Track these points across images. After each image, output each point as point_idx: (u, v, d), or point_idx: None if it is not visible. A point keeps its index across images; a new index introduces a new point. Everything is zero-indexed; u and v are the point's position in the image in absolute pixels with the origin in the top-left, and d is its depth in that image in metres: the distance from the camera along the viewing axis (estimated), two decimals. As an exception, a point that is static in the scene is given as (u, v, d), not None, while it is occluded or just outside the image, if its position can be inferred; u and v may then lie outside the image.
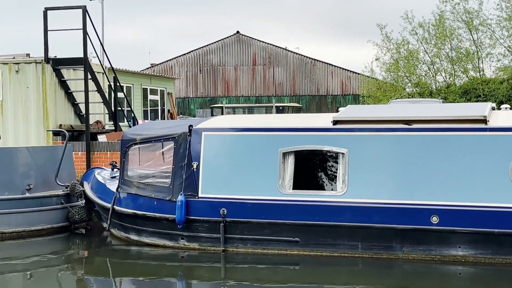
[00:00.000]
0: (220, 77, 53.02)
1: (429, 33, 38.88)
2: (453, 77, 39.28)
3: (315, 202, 10.20)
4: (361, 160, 10.08)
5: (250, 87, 52.50)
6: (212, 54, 53.26)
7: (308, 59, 51.99)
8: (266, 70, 52.28)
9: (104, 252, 12.22)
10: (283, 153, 10.47)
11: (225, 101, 52.18)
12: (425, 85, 38.97)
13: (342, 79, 51.68)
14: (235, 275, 10.36)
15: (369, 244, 10.00)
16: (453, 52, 38.67)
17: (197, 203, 10.77)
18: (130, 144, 11.60)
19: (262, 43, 52.70)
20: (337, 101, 51.45)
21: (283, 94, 51.84)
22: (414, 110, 10.37)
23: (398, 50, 39.99)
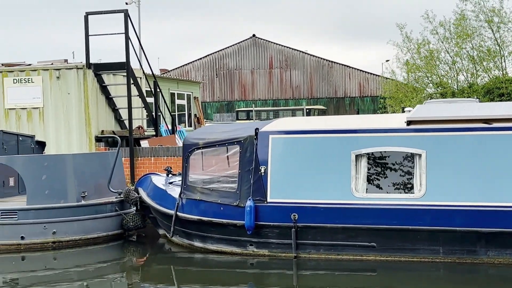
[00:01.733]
0: (237, 81, 52.82)
1: (450, 32, 38.55)
2: (475, 76, 38.91)
3: (392, 206, 9.87)
4: (439, 162, 9.76)
5: (267, 91, 52.27)
6: (228, 58, 53.08)
7: (325, 61, 51.77)
8: (283, 73, 52.06)
9: (164, 260, 11.94)
10: (356, 155, 10.16)
11: (242, 105, 51.96)
12: (446, 85, 38.60)
13: (360, 81, 51.40)
14: (307, 282, 10.04)
15: (451, 249, 9.66)
16: (475, 51, 38.32)
17: (266, 208, 10.46)
18: (193, 148, 11.30)
19: (279, 46, 52.51)
20: (355, 103, 51.17)
21: (300, 97, 51.59)
22: (493, 109, 10.04)
23: (418, 50, 39.64)
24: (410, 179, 10.02)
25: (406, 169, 10.13)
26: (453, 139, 9.78)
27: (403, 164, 10.18)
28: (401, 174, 10.18)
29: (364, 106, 50.62)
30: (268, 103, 50.83)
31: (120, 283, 10.66)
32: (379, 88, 50.21)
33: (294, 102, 50.98)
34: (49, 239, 12.16)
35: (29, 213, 12.15)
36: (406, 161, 10.14)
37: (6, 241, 12.05)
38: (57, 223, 12.21)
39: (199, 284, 10.00)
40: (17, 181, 14.13)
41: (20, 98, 17.04)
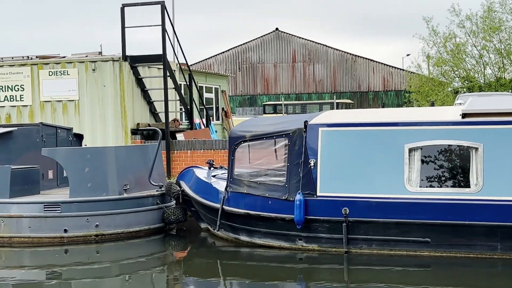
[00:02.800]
0: (260, 74, 52.55)
1: (477, 26, 38.09)
2: (502, 70, 38.45)
3: (447, 200, 9.64)
4: (497, 155, 9.52)
5: (290, 85, 51.97)
6: (251, 52, 52.82)
7: (349, 55, 51.35)
8: (306, 67, 51.72)
9: (208, 254, 11.78)
10: (410, 148, 9.93)
11: (265, 99, 51.73)
12: (473, 79, 38.18)
13: (384, 75, 50.94)
14: (359, 277, 9.83)
15: (510, 245, 9.42)
16: (502, 44, 37.85)
17: (316, 202, 10.27)
18: (239, 141, 11.12)
19: (302, 40, 52.16)
20: (378, 97, 50.76)
21: (324, 91, 51.25)
22: (551, 102, 9.81)
23: (445, 44, 39.23)
24: (466, 173, 9.77)
25: (462, 163, 9.89)
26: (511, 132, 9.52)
27: (459, 158, 9.95)
28: (457, 168, 9.95)
29: (388, 100, 50.18)
30: (291, 97, 50.51)
31: (162, 277, 10.52)
32: (403, 83, 49.80)
33: (317, 96, 50.63)
34: (92, 232, 12.05)
35: (72, 206, 12.04)
36: (461, 154, 9.90)
37: (50, 234, 11.96)
38: (99, 216, 12.09)
39: (246, 278, 9.83)
40: (56, 173, 14.05)
41: (56, 91, 16.96)
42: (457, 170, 9.91)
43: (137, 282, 10.11)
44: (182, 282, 10.03)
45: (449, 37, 38.98)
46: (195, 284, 9.87)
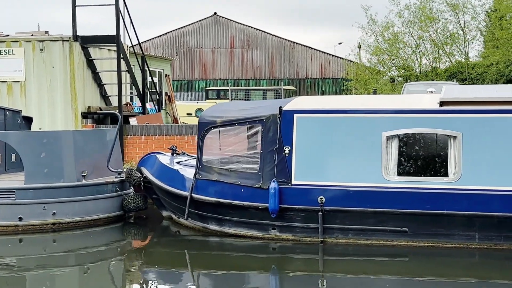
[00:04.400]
0: (197, 59, 51.83)
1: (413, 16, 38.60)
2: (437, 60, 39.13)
3: (425, 189, 9.52)
4: (476, 144, 9.44)
5: (228, 70, 51.49)
6: (189, 36, 52.01)
7: (287, 42, 51.21)
8: (244, 53, 51.32)
9: (172, 243, 11.34)
10: (387, 136, 9.75)
11: (202, 84, 51.13)
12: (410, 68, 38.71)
13: (322, 63, 51.08)
14: (335, 267, 9.63)
15: (487, 234, 9.38)
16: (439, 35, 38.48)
17: (291, 191, 9.98)
18: (210, 127, 10.70)
19: (240, 25, 51.69)
20: (316, 84, 50.90)
21: (262, 78, 51.03)
22: (529, 91, 9.78)
23: (382, 33, 39.60)
24: (444, 162, 9.67)
25: (440, 152, 9.78)
26: (491, 121, 9.46)
27: (437, 147, 9.84)
28: (435, 156, 9.83)
29: (326, 88, 50.38)
30: (229, 83, 50.08)
31: (122, 267, 10.06)
32: (340, 70, 50.10)
33: (255, 83, 50.38)
34: (48, 220, 11.44)
35: (28, 193, 11.37)
36: (440, 143, 9.79)
37: (3, 222, 11.29)
38: (56, 203, 11.49)
39: (216, 269, 9.45)
40: (4, 158, 13.28)
41: (0, 70, 16.03)
42: (435, 158, 9.80)
43: (96, 272, 9.62)
44: (143, 272, 9.59)
45: (387, 26, 39.33)
46: (158, 274, 9.43)
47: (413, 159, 9.82)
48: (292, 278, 9.15)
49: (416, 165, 9.82)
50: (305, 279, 8.97)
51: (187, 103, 32.14)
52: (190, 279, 9.32)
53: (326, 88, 50.45)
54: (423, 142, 9.85)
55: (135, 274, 9.63)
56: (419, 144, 9.85)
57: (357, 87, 40.78)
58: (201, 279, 9.27)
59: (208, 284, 9.09)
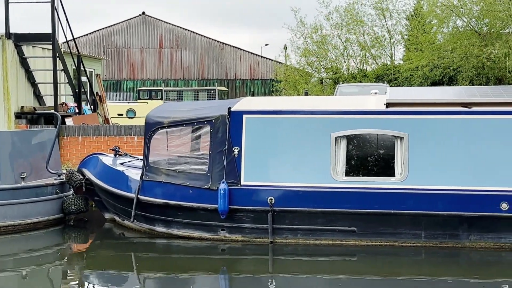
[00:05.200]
0: (125, 59, 51.14)
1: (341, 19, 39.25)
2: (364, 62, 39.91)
3: (373, 189, 9.67)
4: (421, 145, 9.65)
5: (157, 70, 51.01)
6: (116, 35, 51.25)
7: (217, 43, 51.16)
8: (173, 53, 50.96)
9: (117, 245, 11.06)
10: (336, 137, 9.86)
11: (130, 85, 50.49)
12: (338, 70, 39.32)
13: (251, 64, 51.28)
14: (284, 267, 9.65)
15: (433, 233, 9.61)
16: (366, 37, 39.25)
17: (240, 192, 9.95)
18: (156, 127, 10.55)
19: (169, 25, 51.30)
20: (246, 85, 51.05)
21: (191, 78, 50.78)
22: (471, 93, 10.05)
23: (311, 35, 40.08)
24: (391, 162, 9.85)
25: (387, 152, 9.97)
26: (436, 122, 9.69)
27: (384, 147, 10.02)
28: (382, 157, 10.02)
29: (255, 88, 50.61)
30: (158, 83, 49.52)
31: (63, 271, 9.80)
32: (269, 71, 50.42)
33: (184, 83, 50.08)
34: (-15, 224, 11.00)
35: (-36, 195, 10.91)
36: (387, 143, 9.97)
37: None
38: (-6, 206, 11.06)
39: (163, 271, 9.33)
40: None
41: None
42: (383, 159, 9.98)
43: (35, 277, 9.33)
44: (85, 276, 9.34)
45: (316, 28, 39.82)
46: (101, 278, 9.22)
47: (361, 159, 9.97)
48: (242, 279, 9.12)
49: (364, 165, 9.97)
50: (255, 280, 8.96)
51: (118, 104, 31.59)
52: (136, 281, 9.13)
53: (255, 89, 50.68)
54: (370, 143, 10.02)
55: (76, 278, 9.36)
56: (367, 144, 10.01)
57: (287, 88, 41.10)
58: (148, 282, 9.11)
59: (155, 286, 8.96)
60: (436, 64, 31.34)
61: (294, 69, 40.98)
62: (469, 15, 30.61)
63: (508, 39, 27.60)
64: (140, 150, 14.47)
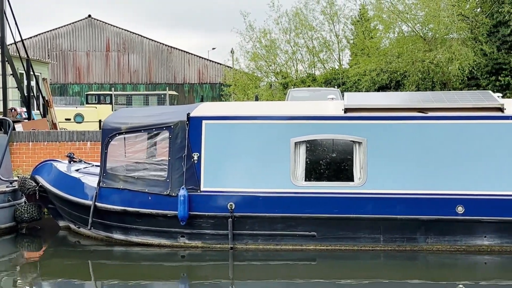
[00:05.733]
0: (71, 63, 50.36)
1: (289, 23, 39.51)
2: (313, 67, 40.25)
3: (332, 194, 9.75)
4: (379, 150, 9.78)
5: (104, 74, 50.40)
6: (61, 38, 50.44)
7: (165, 46, 50.86)
8: (120, 57, 50.43)
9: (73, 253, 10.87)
10: (296, 142, 9.90)
11: (76, 89, 49.75)
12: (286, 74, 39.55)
13: (199, 68, 51.14)
14: (245, 273, 9.67)
15: (391, 236, 9.74)
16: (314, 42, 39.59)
17: (200, 198, 9.90)
18: (114, 133, 10.40)
19: (116, 28, 50.75)
20: (194, 89, 50.88)
21: (139, 82, 50.35)
22: (427, 99, 10.22)
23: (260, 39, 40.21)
24: (350, 167, 9.95)
25: (346, 157, 10.06)
26: (393, 127, 9.83)
27: (343, 152, 10.11)
28: (341, 162, 10.11)
29: (204, 92, 50.48)
30: (105, 87, 48.93)
31: (15, 280, 9.55)
32: (218, 75, 50.39)
33: (132, 87, 49.62)
34: None
35: None
36: (345, 148, 10.07)
37: None
38: None
39: (121, 279, 9.21)
40: None
41: None
42: (342, 164, 10.07)
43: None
44: (38, 285, 9.19)
45: (265, 32, 39.96)
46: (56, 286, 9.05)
47: (320, 164, 10.04)
48: (202, 286, 9.09)
49: (323, 170, 10.05)
50: (215, 286, 8.95)
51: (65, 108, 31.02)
52: None
53: (204, 93, 50.55)
54: (330, 148, 10.10)
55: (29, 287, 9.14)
56: (326, 149, 10.09)
57: (236, 93, 41.12)
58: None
59: (112, 295, 8.85)
60: (383, 68, 31.80)
61: (243, 73, 41.04)
62: (414, 21, 31.19)
63: (451, 44, 28.26)
64: (93, 156, 14.33)
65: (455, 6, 28.07)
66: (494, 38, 28.57)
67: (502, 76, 27.75)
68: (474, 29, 28.88)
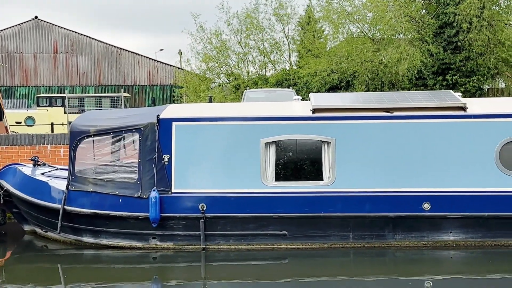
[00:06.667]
0: (18, 65, 49.38)
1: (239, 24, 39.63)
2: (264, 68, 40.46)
3: (302, 193, 9.91)
4: (348, 149, 9.97)
5: (52, 76, 49.56)
6: (7, 40, 49.41)
7: (114, 48, 50.31)
8: (68, 59, 49.69)
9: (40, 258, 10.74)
10: (266, 143, 10.03)
11: (24, 91, 48.84)
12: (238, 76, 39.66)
13: (149, 69, 50.79)
14: (217, 273, 9.73)
15: (360, 234, 9.95)
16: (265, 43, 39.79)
17: (171, 199, 9.93)
18: (82, 136, 10.34)
19: (64, 30, 49.97)
20: (144, 91, 50.50)
21: (88, 84, 49.70)
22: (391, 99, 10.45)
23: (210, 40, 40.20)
24: (320, 167, 10.12)
25: (315, 157, 10.24)
26: (361, 127, 10.04)
27: (312, 152, 10.29)
28: (310, 161, 10.28)
29: (154, 94, 50.15)
30: (53, 90, 48.17)
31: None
32: (168, 77, 50.16)
33: (81, 89, 48.94)
34: None
35: None
36: (314, 148, 10.24)
37: None
38: None
39: (92, 282, 9.15)
40: None
41: None
42: (311, 163, 10.24)
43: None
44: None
45: (216, 33, 39.97)
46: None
47: (290, 164, 10.20)
48: (175, 287, 9.15)
49: (293, 170, 10.21)
50: (188, 287, 8.99)
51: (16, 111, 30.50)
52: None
53: (155, 94, 50.23)
54: (299, 148, 10.26)
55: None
56: (295, 150, 10.25)
57: (188, 94, 41.01)
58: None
59: (84, 298, 8.81)
60: (333, 69, 32.20)
61: (194, 74, 40.95)
62: (362, 22, 31.71)
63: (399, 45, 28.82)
64: (54, 159, 14.17)
65: (402, 7, 28.64)
66: (440, 39, 29.25)
67: (449, 76, 28.45)
68: (420, 30, 29.51)
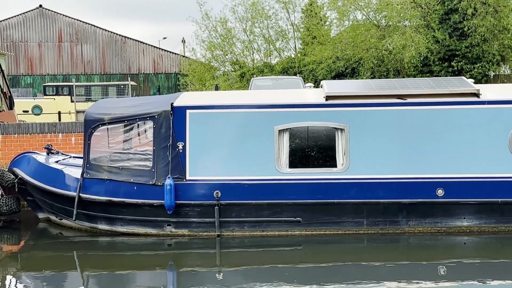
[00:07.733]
0: (23, 54, 49.41)
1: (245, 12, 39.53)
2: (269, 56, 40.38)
3: (316, 180, 9.96)
4: (361, 136, 10.02)
5: (57, 65, 49.58)
6: (12, 29, 49.41)
7: (118, 36, 50.30)
8: (73, 47, 49.67)
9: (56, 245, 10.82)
10: (279, 130, 10.08)
11: (29, 80, 48.90)
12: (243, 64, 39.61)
13: (154, 57, 50.77)
14: (232, 260, 9.81)
15: (374, 220, 10.01)
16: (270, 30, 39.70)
17: (186, 186, 10.00)
18: (97, 124, 10.40)
19: (68, 18, 49.95)
20: (149, 79, 50.51)
21: (93, 73, 49.71)
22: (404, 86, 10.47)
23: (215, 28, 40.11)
24: (333, 153, 10.17)
25: (329, 144, 10.29)
26: (374, 114, 10.08)
27: (326, 139, 10.33)
28: (324, 148, 10.34)
29: (159, 82, 50.17)
30: (58, 79, 48.22)
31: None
32: (173, 65, 50.14)
33: (86, 78, 48.98)
34: None
35: None
36: (328, 135, 10.29)
37: None
38: None
39: (108, 269, 9.29)
40: None
41: None
42: (325, 150, 10.29)
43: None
44: (19, 278, 9.14)
45: (221, 21, 39.88)
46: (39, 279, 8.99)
47: (304, 151, 10.25)
48: (190, 274, 9.19)
49: (306, 157, 10.26)
50: (203, 274, 9.05)
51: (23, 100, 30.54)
52: (78, 281, 9.01)
53: (159, 83, 50.25)
54: (312, 135, 10.30)
55: (10, 280, 9.08)
56: (309, 136, 10.29)
57: (194, 82, 41.00)
58: (91, 280, 9.00)
59: (99, 285, 8.84)
60: (339, 56, 32.14)
61: (199, 63, 40.91)
62: (368, 8, 31.63)
63: (404, 32, 28.76)
64: (66, 148, 14.24)
65: (407, -6, 28.57)
66: (446, 25, 29.18)
67: (455, 62, 28.40)
68: (426, 16, 29.44)
